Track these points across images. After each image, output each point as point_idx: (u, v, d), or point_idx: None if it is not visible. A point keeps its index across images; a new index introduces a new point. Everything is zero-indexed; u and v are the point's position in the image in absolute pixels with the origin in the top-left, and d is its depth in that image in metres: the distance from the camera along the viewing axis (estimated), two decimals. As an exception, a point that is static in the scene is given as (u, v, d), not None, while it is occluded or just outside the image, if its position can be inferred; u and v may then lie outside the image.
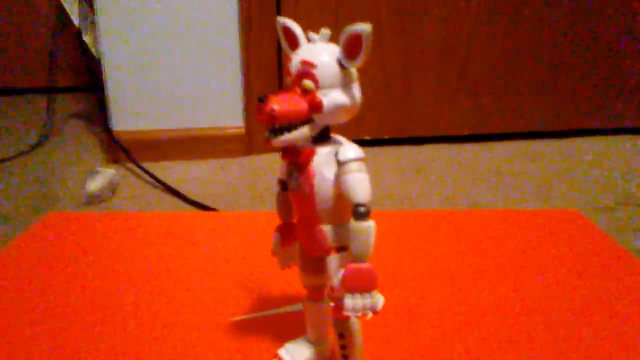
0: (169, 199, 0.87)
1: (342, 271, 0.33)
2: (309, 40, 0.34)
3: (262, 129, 0.33)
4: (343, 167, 0.32)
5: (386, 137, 1.12)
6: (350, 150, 0.33)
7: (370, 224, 0.32)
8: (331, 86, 0.33)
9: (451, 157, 1.06)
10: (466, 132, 1.14)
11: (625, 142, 1.15)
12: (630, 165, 1.03)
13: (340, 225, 0.34)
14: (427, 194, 0.89)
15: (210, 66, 1.01)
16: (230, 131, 1.05)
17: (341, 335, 0.38)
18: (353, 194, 0.32)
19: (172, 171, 0.98)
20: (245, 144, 1.05)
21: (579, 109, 1.16)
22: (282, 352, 0.42)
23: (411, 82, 1.10)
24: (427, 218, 0.70)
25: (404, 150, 1.10)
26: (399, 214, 0.73)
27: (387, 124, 1.12)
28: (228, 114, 1.04)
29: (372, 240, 0.32)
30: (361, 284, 0.32)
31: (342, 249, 0.35)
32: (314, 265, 0.36)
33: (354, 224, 0.31)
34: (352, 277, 0.32)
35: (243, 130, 1.05)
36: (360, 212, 0.31)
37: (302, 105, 0.32)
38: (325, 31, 0.34)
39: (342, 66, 0.33)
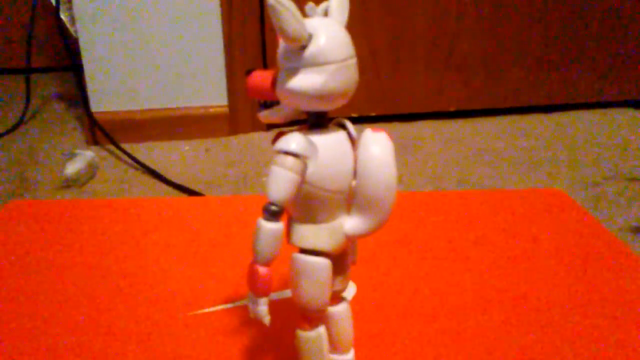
0: (151, 181, 0.85)
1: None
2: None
3: (246, 107, 0.32)
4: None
5: (373, 114, 1.10)
6: (291, 140, 0.29)
7: (263, 226, 0.29)
8: (287, 67, 0.29)
9: (439, 133, 1.05)
10: (454, 108, 1.12)
11: (614, 117, 1.14)
12: (618, 139, 1.02)
13: (304, 224, 0.31)
14: (415, 171, 0.88)
15: (192, 44, 0.98)
16: (213, 110, 1.02)
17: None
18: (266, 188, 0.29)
19: (154, 153, 0.95)
20: (229, 123, 1.03)
21: (568, 83, 1.14)
22: None
23: (399, 58, 1.07)
24: (408, 199, 0.68)
25: (391, 127, 1.08)
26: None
27: (374, 100, 1.10)
28: (211, 93, 1.02)
29: (262, 243, 0.29)
30: (249, 283, 0.30)
31: (307, 251, 0.31)
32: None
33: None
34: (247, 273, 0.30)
35: (227, 109, 1.02)
36: (263, 209, 0.29)
37: (266, 82, 0.30)
38: (321, 6, 0.30)
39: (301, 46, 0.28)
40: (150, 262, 0.54)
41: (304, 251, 0.31)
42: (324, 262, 0.31)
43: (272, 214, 0.28)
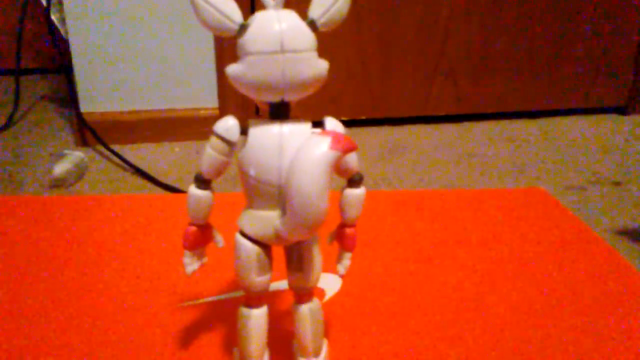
0: (141, 182, 0.85)
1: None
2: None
3: (237, 109, 0.32)
4: None
5: (363, 117, 1.11)
6: (219, 123, 0.32)
7: (189, 190, 0.33)
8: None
9: (428, 138, 1.06)
10: (443, 113, 1.14)
11: (599, 122, 1.15)
12: (603, 144, 1.03)
13: (245, 208, 0.34)
14: (403, 175, 0.89)
15: (182, 45, 0.99)
16: (204, 112, 1.02)
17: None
18: None
19: (144, 154, 0.95)
20: (219, 125, 1.03)
21: (554, 89, 1.16)
22: None
23: (388, 62, 1.09)
24: (393, 198, 0.69)
25: (380, 131, 1.09)
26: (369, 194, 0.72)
27: (364, 104, 1.10)
28: (201, 94, 1.02)
29: (188, 204, 0.34)
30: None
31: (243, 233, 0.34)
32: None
33: None
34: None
35: (217, 111, 1.03)
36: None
37: None
38: None
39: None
40: (139, 258, 0.54)
41: (242, 232, 0.33)
42: (247, 244, 0.32)
43: (196, 180, 0.33)
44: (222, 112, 1.02)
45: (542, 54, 1.13)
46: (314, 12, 0.30)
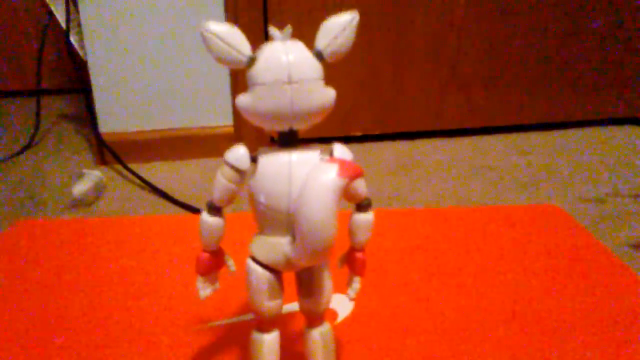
0: (158, 200, 0.86)
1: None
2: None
3: (251, 127, 0.33)
4: None
5: (376, 132, 1.11)
6: (230, 152, 0.33)
7: (200, 217, 0.35)
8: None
9: (441, 152, 1.06)
10: (456, 126, 1.13)
11: (616, 133, 1.14)
12: (620, 156, 1.02)
13: (256, 234, 0.35)
14: (417, 190, 0.88)
15: (198, 65, 1.01)
16: (219, 130, 1.04)
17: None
18: None
19: (161, 172, 0.97)
20: (234, 143, 1.04)
21: (570, 101, 1.15)
22: None
23: (401, 77, 1.09)
24: (406, 216, 0.69)
25: (393, 145, 1.09)
26: (375, 213, 0.72)
27: (377, 119, 1.11)
28: (217, 113, 1.04)
29: (200, 231, 0.36)
30: None
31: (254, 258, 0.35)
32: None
33: None
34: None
35: (232, 129, 1.04)
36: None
37: None
38: (286, 29, 0.32)
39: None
40: (156, 279, 0.55)
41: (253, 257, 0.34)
42: (258, 270, 0.33)
43: (207, 207, 0.34)
44: (237, 130, 1.04)
45: (556, 65, 1.12)
46: (320, 42, 0.31)
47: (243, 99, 0.31)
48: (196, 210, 0.81)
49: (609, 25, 1.11)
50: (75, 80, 1.03)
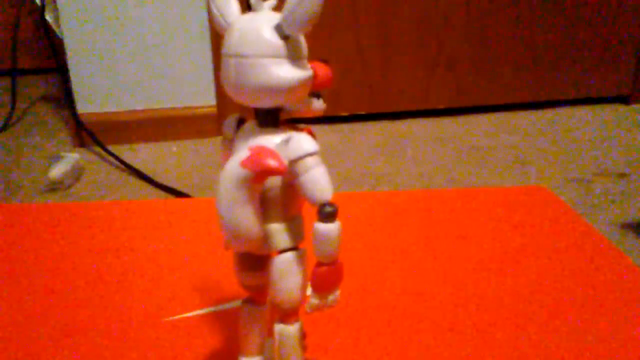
0: (138, 183, 0.84)
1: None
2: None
3: (235, 107, 0.31)
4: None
5: (362, 112, 1.09)
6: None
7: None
8: None
9: (429, 131, 1.05)
10: (444, 106, 1.12)
11: (602, 113, 1.14)
12: (607, 135, 1.02)
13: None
14: (404, 171, 0.87)
15: (179, 43, 0.98)
16: (201, 110, 1.01)
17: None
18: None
19: (141, 154, 0.94)
20: (217, 123, 1.02)
21: (556, 80, 1.14)
22: None
23: (387, 55, 1.07)
24: (394, 198, 0.68)
25: (380, 125, 1.08)
26: (362, 195, 0.71)
27: (363, 99, 1.09)
28: (199, 93, 1.01)
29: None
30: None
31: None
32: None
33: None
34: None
35: (215, 109, 1.01)
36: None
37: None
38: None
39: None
40: (135, 266, 0.53)
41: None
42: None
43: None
44: (220, 110, 1.01)
45: (543, 43, 1.11)
46: (283, 15, 0.27)
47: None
48: (179, 194, 0.79)
49: (596, 3, 1.09)
50: (51, 58, 0.99)
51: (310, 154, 0.28)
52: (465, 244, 0.56)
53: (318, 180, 0.28)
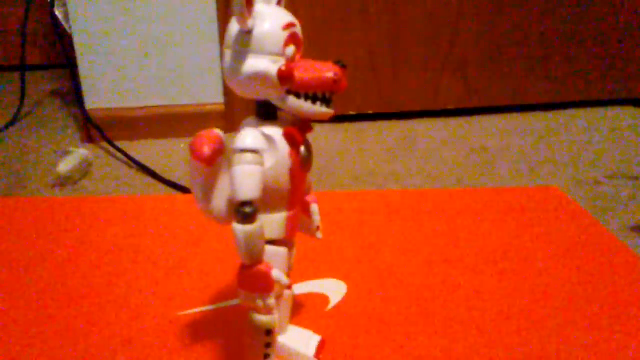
0: (145, 179, 0.84)
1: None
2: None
3: (242, 105, 0.31)
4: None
5: (371, 112, 1.09)
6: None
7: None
8: None
9: (438, 131, 1.04)
10: (453, 107, 1.11)
11: (614, 115, 1.13)
12: (619, 138, 1.01)
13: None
14: (413, 170, 0.87)
15: (188, 41, 0.97)
16: (209, 108, 1.01)
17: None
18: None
19: (149, 150, 0.94)
20: (225, 120, 1.02)
21: (568, 81, 1.13)
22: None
23: (397, 55, 1.06)
24: (404, 197, 0.68)
25: (390, 125, 1.07)
26: (371, 194, 0.71)
27: (372, 98, 1.08)
28: (207, 90, 1.01)
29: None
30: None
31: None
32: None
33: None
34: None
35: (223, 106, 1.01)
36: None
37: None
38: None
39: None
40: (142, 260, 0.53)
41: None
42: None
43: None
44: (228, 107, 1.01)
45: (554, 45, 1.10)
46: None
47: None
48: (186, 190, 0.78)
49: (610, 5, 1.08)
50: (60, 54, 0.99)
51: (242, 151, 0.28)
52: (476, 243, 0.55)
53: (236, 178, 0.28)
